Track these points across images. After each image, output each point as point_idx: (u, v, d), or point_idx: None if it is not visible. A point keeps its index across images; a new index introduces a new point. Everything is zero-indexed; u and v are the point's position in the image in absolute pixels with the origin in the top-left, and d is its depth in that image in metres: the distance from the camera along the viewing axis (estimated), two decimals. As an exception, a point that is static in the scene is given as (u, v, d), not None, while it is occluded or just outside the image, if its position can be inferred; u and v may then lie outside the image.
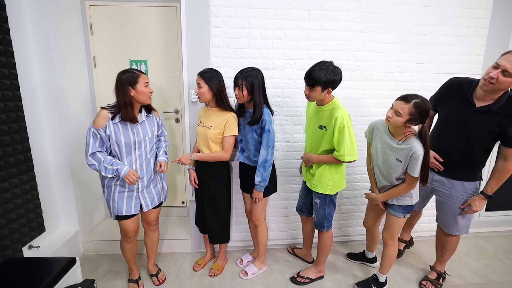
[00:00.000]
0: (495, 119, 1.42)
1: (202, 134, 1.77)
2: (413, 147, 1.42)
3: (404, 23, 2.05)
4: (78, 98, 2.20)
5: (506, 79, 1.28)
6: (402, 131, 1.47)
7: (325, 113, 1.60)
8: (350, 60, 2.06)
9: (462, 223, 1.66)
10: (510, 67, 1.25)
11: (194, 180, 1.85)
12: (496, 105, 1.41)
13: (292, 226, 2.30)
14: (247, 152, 1.82)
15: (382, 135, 1.59)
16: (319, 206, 1.74)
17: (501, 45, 2.19)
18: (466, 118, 1.50)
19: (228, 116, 1.72)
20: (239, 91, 1.64)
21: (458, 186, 1.61)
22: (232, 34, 1.94)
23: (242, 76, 1.62)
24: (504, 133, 1.41)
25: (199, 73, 1.70)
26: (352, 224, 2.37)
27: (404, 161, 1.48)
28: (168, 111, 2.43)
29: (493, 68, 1.35)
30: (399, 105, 1.40)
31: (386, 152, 1.57)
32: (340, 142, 1.53)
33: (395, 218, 1.67)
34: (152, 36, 2.35)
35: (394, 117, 1.42)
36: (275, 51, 1.98)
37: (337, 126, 1.51)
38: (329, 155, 1.62)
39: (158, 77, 2.42)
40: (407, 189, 1.56)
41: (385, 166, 1.60)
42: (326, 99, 1.59)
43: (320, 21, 1.98)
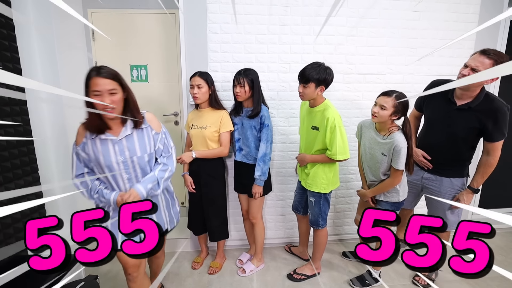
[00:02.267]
0: (475, 115, 1.50)
1: (198, 135, 1.83)
2: (395, 141, 1.50)
3: (395, 27, 2.13)
4: (80, 102, 2.28)
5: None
6: (387, 126, 1.56)
7: (317, 114, 1.67)
8: (343, 63, 2.13)
9: (452, 219, 1.71)
10: (478, 64, 1.38)
11: (191, 184, 1.90)
12: (475, 103, 1.50)
13: (289, 225, 2.36)
14: (245, 150, 1.88)
15: (369, 132, 1.69)
16: (313, 204, 1.80)
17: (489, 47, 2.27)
18: (449, 117, 1.58)
19: (222, 114, 1.82)
20: (241, 88, 1.74)
21: (446, 182, 1.68)
22: (228, 39, 2.02)
23: (243, 74, 1.74)
24: (484, 128, 1.49)
25: (198, 74, 1.78)
26: (348, 222, 2.42)
27: (388, 154, 1.55)
28: (167, 114, 2.50)
29: (463, 68, 1.48)
30: (382, 99, 1.50)
31: (373, 148, 1.65)
32: (332, 142, 1.59)
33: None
34: (152, 41, 2.43)
35: (380, 111, 1.51)
36: (270, 55, 2.06)
37: (329, 126, 1.58)
38: (322, 155, 1.69)
39: (158, 81, 2.49)
40: (392, 183, 1.62)
41: (372, 162, 1.68)
42: (318, 99, 1.67)
43: (313, 26, 2.06)
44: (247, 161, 1.90)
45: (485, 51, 1.40)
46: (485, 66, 1.36)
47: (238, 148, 1.92)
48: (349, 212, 2.40)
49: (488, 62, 1.36)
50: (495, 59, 1.37)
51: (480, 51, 1.42)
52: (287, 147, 2.21)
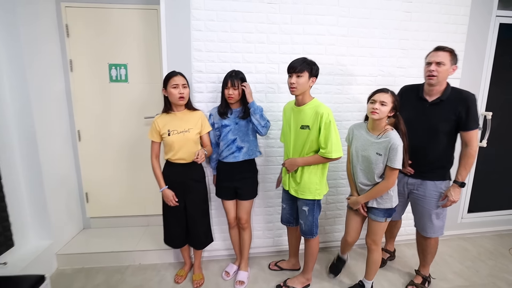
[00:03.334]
0: (448, 107, 1.59)
1: (181, 140, 1.71)
2: (392, 139, 1.49)
3: (386, 27, 2.07)
4: (52, 103, 2.10)
5: (442, 68, 1.54)
6: (381, 125, 1.54)
7: (308, 111, 1.58)
8: (333, 64, 2.05)
9: (437, 224, 1.72)
10: (440, 59, 1.54)
11: (174, 198, 1.75)
12: (445, 96, 1.60)
13: (278, 233, 2.26)
14: (246, 146, 1.80)
15: (361, 133, 1.64)
16: (307, 213, 1.70)
17: (479, 49, 2.25)
18: (424, 113, 1.65)
19: (200, 114, 1.79)
20: (235, 91, 1.70)
21: (430, 185, 1.69)
22: (214, 37, 1.90)
23: (236, 77, 1.70)
24: (459, 118, 1.56)
25: (179, 74, 1.69)
26: (338, 229, 2.34)
27: (384, 154, 1.52)
28: (149, 116, 2.35)
29: (427, 66, 1.60)
30: (382, 96, 1.50)
31: (366, 149, 1.59)
32: (327, 138, 1.52)
33: (376, 223, 1.67)
34: (132, 39, 2.28)
35: (381, 107, 1.49)
36: (258, 55, 1.95)
37: (323, 122, 1.51)
38: (315, 155, 1.59)
39: (138, 81, 2.34)
40: (387, 185, 1.56)
41: (366, 164, 1.61)
42: (306, 97, 1.60)
43: (303, 25, 1.96)
44: (249, 157, 1.83)
45: (439, 47, 1.57)
46: (446, 58, 1.53)
47: (237, 149, 1.80)
48: (340, 219, 2.32)
49: (446, 54, 1.54)
50: (450, 51, 1.55)
51: (434, 48, 1.59)
52: (275, 151, 2.11)
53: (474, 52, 2.25)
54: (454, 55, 1.56)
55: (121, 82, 2.33)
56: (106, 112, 2.35)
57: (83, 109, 2.32)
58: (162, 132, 1.70)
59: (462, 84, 2.25)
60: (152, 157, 1.76)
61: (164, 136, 1.70)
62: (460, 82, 2.24)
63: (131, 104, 2.36)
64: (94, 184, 2.44)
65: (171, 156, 1.74)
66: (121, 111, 2.36)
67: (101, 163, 2.41)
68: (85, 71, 2.27)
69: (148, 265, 2.14)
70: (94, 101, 2.32)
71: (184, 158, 1.74)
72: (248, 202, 1.88)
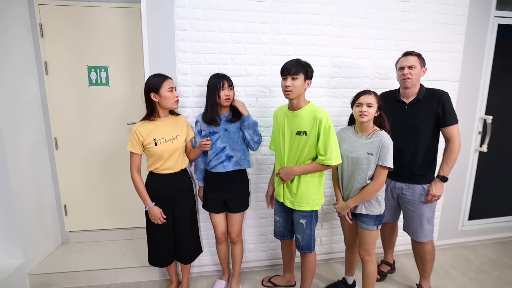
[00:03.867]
0: (425, 105, 1.64)
1: (169, 149, 1.57)
2: (383, 138, 1.49)
3: (383, 28, 1.96)
4: (24, 108, 1.93)
5: (414, 71, 1.62)
6: (370, 126, 1.54)
7: (304, 116, 1.47)
8: (328, 66, 1.94)
9: (427, 228, 1.71)
10: (410, 63, 1.62)
11: (162, 215, 1.60)
12: (420, 95, 1.66)
13: (271, 245, 2.12)
14: (237, 155, 1.68)
15: (348, 136, 1.61)
16: (305, 226, 1.57)
17: (477, 51, 2.17)
18: (404, 114, 1.69)
19: (183, 119, 1.70)
20: (230, 91, 1.63)
21: (418, 189, 1.69)
22: (200, 37, 1.76)
23: (229, 78, 1.64)
24: (437, 114, 1.62)
25: (169, 77, 1.57)
26: (335, 240, 2.22)
27: (375, 153, 1.49)
28: (132, 122, 2.20)
29: (400, 71, 1.67)
30: (367, 98, 1.50)
31: (356, 151, 1.55)
32: (327, 144, 1.43)
33: (367, 231, 1.58)
34: (114, 40, 2.12)
35: (369, 109, 1.48)
36: (248, 56, 1.83)
37: (323, 128, 1.42)
38: (313, 163, 1.48)
39: (120, 85, 2.19)
40: (375, 186, 1.51)
41: (357, 166, 1.55)
42: (302, 101, 1.50)
43: (295, 24, 1.84)
44: (240, 167, 1.70)
45: (407, 52, 1.67)
46: (416, 61, 1.63)
47: (226, 157, 1.67)
48: (336, 229, 2.20)
49: (415, 58, 1.64)
50: (417, 55, 1.65)
51: (403, 54, 1.69)
52: (267, 159, 1.98)
53: (473, 53, 2.17)
54: (422, 59, 1.66)
55: (102, 86, 2.17)
56: (85, 118, 2.18)
57: (60, 115, 2.15)
58: (147, 142, 1.54)
59: (461, 86, 2.17)
60: (133, 171, 1.58)
61: (150, 146, 1.54)
62: (459, 84, 2.16)
63: (112, 109, 2.20)
64: (73, 195, 2.26)
65: (158, 166, 1.59)
66: (102, 117, 2.20)
67: (80, 173, 2.24)
68: (62, 74, 2.10)
69: (131, 283, 1.98)
70: (72, 106, 2.16)
71: (171, 167, 1.60)
72: (239, 214, 1.75)
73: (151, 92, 1.53)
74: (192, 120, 1.80)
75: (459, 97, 2.18)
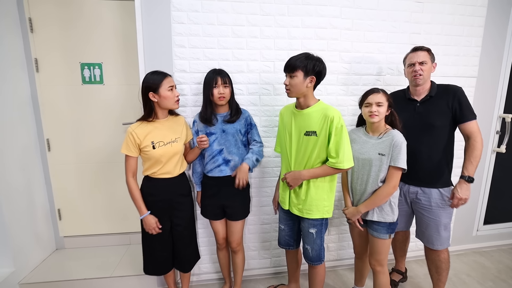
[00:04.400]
0: (440, 100, 1.54)
1: (168, 153, 1.46)
2: (395, 136, 1.39)
3: (396, 20, 1.82)
4: (13, 108, 1.81)
5: (425, 67, 1.53)
6: (381, 126, 1.44)
7: (313, 115, 1.35)
8: (337, 61, 1.80)
9: (444, 235, 1.60)
10: (421, 58, 1.53)
11: (157, 224, 1.48)
12: (433, 92, 1.55)
13: (275, 252, 2.00)
14: (234, 160, 1.56)
15: (358, 137, 1.52)
16: (315, 236, 1.45)
17: (497, 45, 2.02)
18: (417, 112, 1.58)
19: (183, 120, 1.58)
20: (225, 89, 1.49)
21: (435, 194, 1.57)
22: (198, 31, 1.64)
23: (225, 73, 1.51)
24: (453, 110, 1.51)
25: (169, 74, 1.44)
26: (343, 246, 2.10)
27: (387, 153, 1.39)
28: (128, 122, 2.08)
29: (410, 67, 1.57)
30: (376, 97, 1.40)
31: (366, 152, 1.45)
32: (339, 146, 1.31)
33: (379, 240, 1.46)
34: (108, 35, 2.00)
35: (379, 109, 1.39)
36: (250, 51, 1.70)
37: (334, 127, 1.30)
38: (324, 166, 1.36)
39: (115, 82, 2.07)
40: (388, 189, 1.40)
41: (367, 168, 1.44)
42: (309, 98, 1.37)
43: (301, 17, 1.71)
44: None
45: (416, 47, 1.56)
46: (426, 57, 1.53)
47: (223, 161, 1.55)
48: (344, 235, 2.07)
49: (425, 53, 1.54)
50: (427, 50, 1.55)
51: (412, 49, 1.58)
52: (271, 161, 1.85)
53: (492, 47, 2.01)
54: (431, 54, 1.57)
55: (96, 84, 2.05)
56: (79, 118, 2.07)
57: (52, 115, 2.03)
58: (144, 145, 1.42)
59: (478, 83, 2.02)
60: (128, 176, 1.46)
61: (147, 149, 1.42)
62: (476, 80, 2.02)
63: (107, 108, 2.08)
64: (67, 199, 2.15)
65: (156, 171, 1.47)
66: (96, 116, 2.08)
67: (74, 175, 2.13)
68: (54, 71, 1.99)
69: (127, 293, 1.87)
70: (65, 105, 2.04)
71: (169, 172, 1.49)
72: (239, 222, 1.63)
73: (149, 92, 1.41)
74: (191, 120, 1.68)
75: (476, 94, 2.04)
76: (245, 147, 1.61)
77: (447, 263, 1.65)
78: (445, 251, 1.63)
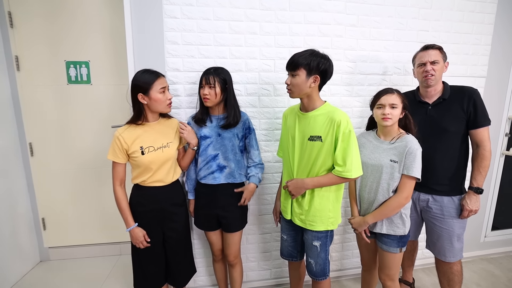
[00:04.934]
0: (454, 104, 1.44)
1: (159, 159, 1.33)
2: (409, 142, 1.28)
3: (403, 16, 1.72)
4: None
5: (437, 66, 1.42)
6: (394, 129, 1.33)
7: (319, 118, 1.23)
8: (341, 60, 1.69)
9: (457, 247, 1.50)
10: (433, 58, 1.42)
11: (145, 237, 1.35)
12: (446, 94, 1.46)
13: (276, 263, 1.88)
14: (230, 166, 1.43)
15: (369, 141, 1.40)
16: (319, 249, 1.33)
17: (508, 42, 1.93)
18: (429, 116, 1.49)
19: (176, 122, 1.44)
20: (210, 90, 1.36)
21: (448, 203, 1.47)
22: (193, 27, 1.51)
23: (213, 73, 1.37)
24: (468, 114, 1.42)
25: (161, 74, 1.31)
26: (347, 255, 1.99)
27: (400, 160, 1.28)
28: (117, 125, 1.94)
29: (420, 67, 1.46)
30: (389, 98, 1.29)
31: (377, 157, 1.33)
32: (346, 153, 1.19)
33: (389, 254, 1.36)
34: (96, 31, 1.87)
35: (393, 111, 1.28)
36: (249, 48, 1.58)
37: (341, 132, 1.18)
38: (329, 175, 1.24)
39: (104, 82, 1.94)
40: (399, 200, 1.29)
41: (377, 175, 1.33)
42: (315, 100, 1.25)
43: (304, 12, 1.60)
44: (233, 180, 1.46)
45: (427, 46, 1.45)
46: (438, 55, 1.42)
47: (218, 167, 1.43)
48: (348, 243, 1.96)
49: (437, 52, 1.43)
50: (439, 48, 1.44)
51: (423, 48, 1.47)
52: (271, 167, 1.74)
53: (502, 46, 1.92)
54: (443, 52, 1.46)
55: (83, 84, 1.92)
56: (64, 120, 1.93)
57: (35, 117, 1.90)
58: (132, 151, 1.29)
59: (487, 83, 1.93)
60: (116, 184, 1.34)
61: (135, 155, 1.30)
62: (485, 81, 1.93)
63: (95, 110, 1.95)
64: (53, 207, 2.01)
65: (145, 179, 1.34)
66: (83, 119, 1.95)
67: (60, 182, 1.99)
68: (36, 70, 1.85)
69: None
70: (49, 107, 1.91)
71: (161, 180, 1.36)
72: (236, 234, 1.51)
73: (138, 93, 1.28)
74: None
75: (485, 95, 1.94)
76: (242, 153, 1.48)
77: (460, 275, 1.55)
78: (458, 263, 1.53)
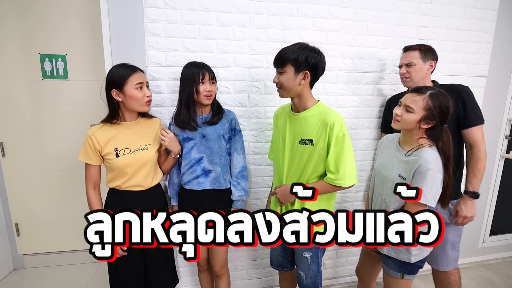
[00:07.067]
0: None
1: (136, 163, 1.21)
2: (421, 158, 1.04)
3: (402, 11, 1.62)
4: None
5: (412, 68, 1.39)
6: (413, 138, 1.11)
7: (310, 120, 1.12)
8: (336, 56, 1.59)
9: (452, 255, 1.44)
10: (408, 60, 1.39)
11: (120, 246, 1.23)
12: None
13: (266, 271, 1.78)
14: (216, 171, 1.32)
15: (390, 147, 1.23)
16: (310, 261, 1.23)
17: (510, 42, 1.85)
18: None
19: (157, 123, 1.33)
20: (212, 86, 1.27)
21: (440, 208, 1.34)
22: (177, 17, 1.39)
23: (207, 67, 1.27)
24: (458, 113, 1.34)
25: (139, 69, 1.19)
26: (341, 263, 1.89)
27: (408, 177, 1.08)
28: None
29: (400, 69, 1.44)
30: (410, 98, 1.09)
31: (388, 167, 1.17)
32: (339, 159, 1.08)
33: (390, 277, 1.21)
34: (73, 22, 1.74)
35: (404, 114, 1.08)
36: (238, 42, 1.46)
37: (334, 136, 1.07)
38: (320, 182, 1.14)
39: (82, 77, 1.80)
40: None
41: (387, 189, 1.16)
42: (306, 99, 1.15)
43: (297, 4, 1.48)
44: (219, 186, 1.35)
45: (406, 47, 1.43)
46: (414, 57, 1.38)
47: (203, 172, 1.32)
48: (342, 250, 1.87)
49: (415, 53, 1.38)
50: (418, 48, 1.38)
51: (403, 49, 1.44)
52: (262, 170, 1.63)
53: (504, 44, 1.84)
54: (426, 51, 1.38)
55: (59, 79, 1.78)
56: (39, 118, 1.80)
57: (7, 114, 1.76)
58: (106, 152, 1.18)
59: (488, 83, 1.85)
60: (88, 187, 1.22)
61: (109, 157, 1.18)
62: (486, 80, 1.84)
63: (73, 107, 1.82)
64: (27, 212, 1.88)
65: (121, 184, 1.22)
66: (60, 116, 1.82)
67: (35, 185, 1.86)
68: (7, 63, 1.71)
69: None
70: (23, 104, 1.77)
71: (140, 184, 1.24)
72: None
73: (112, 89, 1.16)
74: (167, 123, 1.43)
75: (486, 95, 1.86)
76: (229, 156, 1.37)
77: (458, 285, 1.47)
78: (455, 272, 1.46)
